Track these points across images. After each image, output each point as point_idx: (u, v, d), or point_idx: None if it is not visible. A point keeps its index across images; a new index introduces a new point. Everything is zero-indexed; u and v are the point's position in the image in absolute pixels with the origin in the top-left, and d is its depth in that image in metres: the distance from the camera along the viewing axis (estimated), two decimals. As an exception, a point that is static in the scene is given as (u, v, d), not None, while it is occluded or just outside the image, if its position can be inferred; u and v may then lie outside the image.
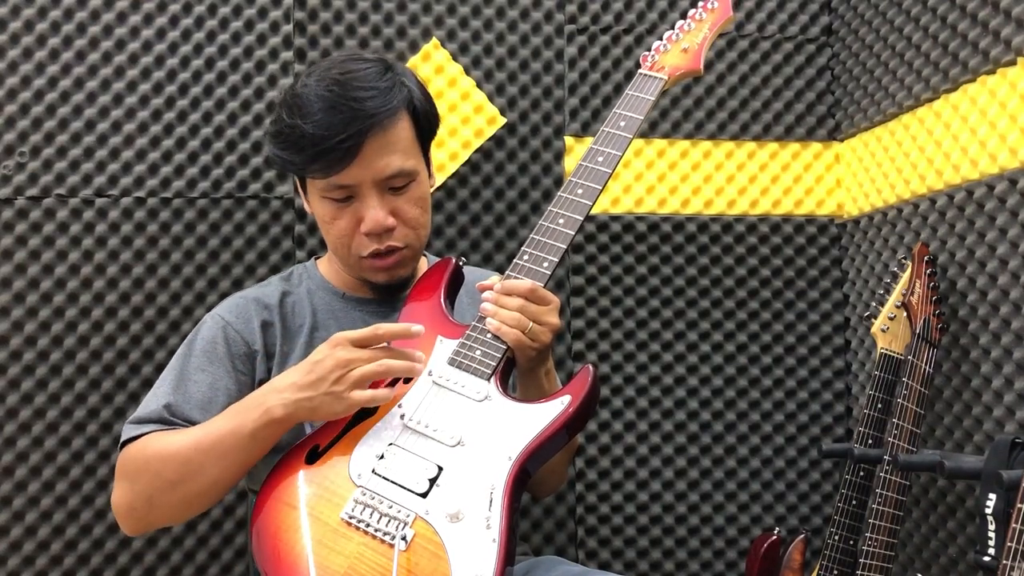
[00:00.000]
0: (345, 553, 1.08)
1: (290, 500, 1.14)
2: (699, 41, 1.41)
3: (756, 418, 1.95)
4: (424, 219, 1.36)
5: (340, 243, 1.34)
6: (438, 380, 1.21)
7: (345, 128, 1.24)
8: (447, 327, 1.28)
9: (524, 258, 1.27)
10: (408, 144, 1.32)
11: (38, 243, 1.72)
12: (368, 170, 1.28)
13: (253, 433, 1.18)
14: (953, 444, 1.63)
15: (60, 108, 1.74)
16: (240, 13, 1.81)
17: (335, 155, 1.25)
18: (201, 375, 1.31)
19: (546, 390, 1.30)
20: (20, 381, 1.70)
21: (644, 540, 1.90)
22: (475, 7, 1.89)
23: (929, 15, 1.73)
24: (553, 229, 1.28)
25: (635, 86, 1.39)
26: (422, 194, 1.35)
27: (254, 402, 1.19)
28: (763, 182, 1.99)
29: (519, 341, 1.22)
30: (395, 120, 1.29)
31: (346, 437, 1.19)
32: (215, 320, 1.36)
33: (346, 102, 1.25)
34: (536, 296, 1.23)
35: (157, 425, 1.26)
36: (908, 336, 1.61)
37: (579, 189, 1.30)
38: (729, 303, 1.96)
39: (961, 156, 1.62)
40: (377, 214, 1.29)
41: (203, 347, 1.33)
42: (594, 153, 1.33)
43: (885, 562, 1.52)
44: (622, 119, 1.35)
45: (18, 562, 1.68)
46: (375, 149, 1.27)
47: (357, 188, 1.29)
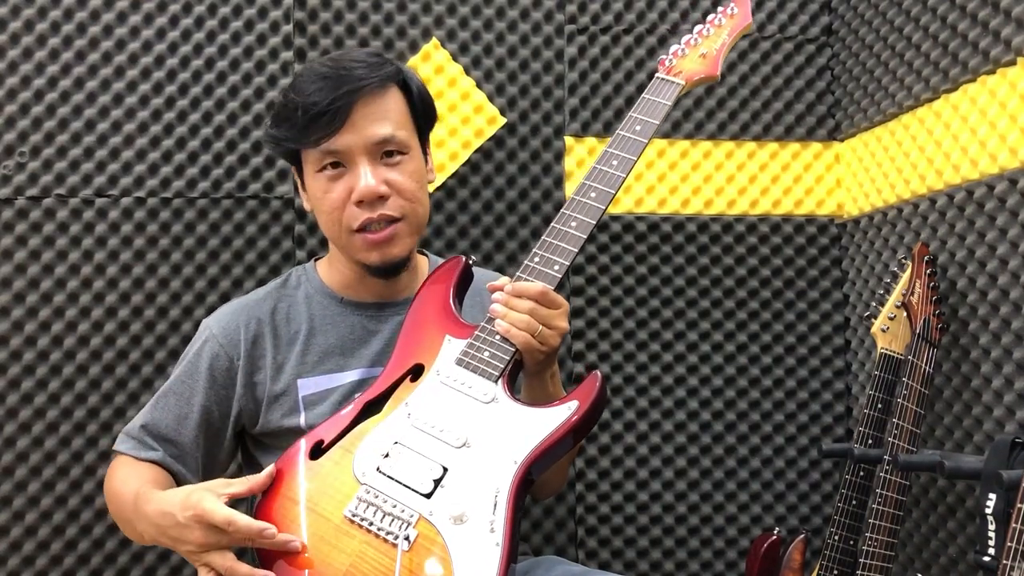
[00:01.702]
0: (347, 551, 1.08)
1: (293, 495, 1.14)
2: (717, 47, 1.41)
3: (756, 418, 1.95)
4: (421, 195, 1.35)
5: (332, 219, 1.33)
6: (445, 380, 1.21)
7: (334, 92, 1.28)
8: (456, 327, 1.28)
9: (535, 260, 1.26)
10: (400, 116, 1.33)
11: (38, 243, 1.72)
12: (359, 135, 1.29)
13: (148, 531, 1.21)
14: (953, 444, 1.63)
15: (60, 108, 1.74)
16: (240, 13, 1.81)
17: (325, 119, 1.28)
18: (181, 387, 1.37)
19: (551, 393, 1.30)
20: (20, 381, 1.70)
21: (644, 540, 1.90)
22: (475, 7, 1.89)
23: (929, 15, 1.73)
24: (565, 232, 1.27)
25: (652, 90, 1.38)
26: (417, 169, 1.35)
27: (169, 505, 1.16)
28: (763, 182, 1.99)
29: (528, 344, 1.21)
30: (385, 90, 1.32)
31: (351, 434, 1.19)
32: (205, 333, 1.40)
33: (336, 71, 1.30)
34: (547, 299, 1.23)
35: (134, 443, 1.35)
36: (908, 336, 1.61)
37: (592, 193, 1.29)
38: (729, 303, 1.96)
39: (961, 156, 1.62)
40: (368, 180, 1.29)
41: (189, 360, 1.39)
42: (608, 157, 1.32)
43: (885, 562, 1.52)
44: (638, 123, 1.34)
45: (18, 562, 1.68)
46: (365, 115, 1.29)
47: (349, 155, 1.30)
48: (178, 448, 1.35)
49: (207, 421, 1.36)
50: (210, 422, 1.36)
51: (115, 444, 1.38)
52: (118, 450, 1.37)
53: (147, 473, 1.31)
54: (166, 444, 1.34)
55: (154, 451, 1.34)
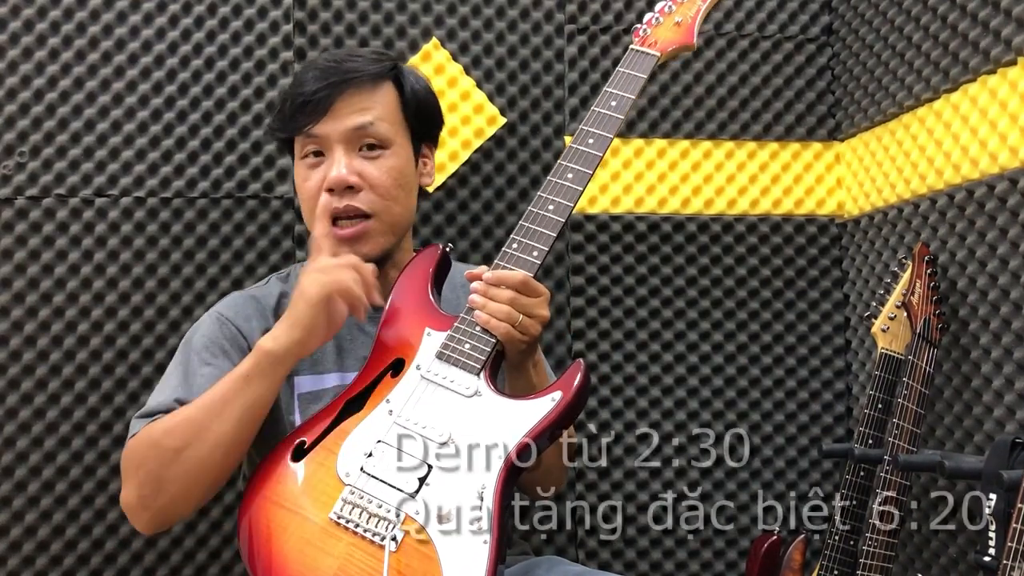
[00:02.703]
0: (335, 554, 1.07)
1: (276, 498, 1.13)
2: (692, 14, 1.35)
3: (756, 418, 1.95)
4: (397, 193, 1.33)
5: (308, 207, 1.34)
6: (427, 375, 1.19)
7: (321, 82, 1.29)
8: (435, 319, 1.25)
9: (513, 246, 1.23)
10: (386, 111, 1.33)
11: (38, 243, 1.72)
12: (337, 123, 1.30)
13: (247, 374, 1.17)
14: (953, 444, 1.63)
15: (60, 108, 1.74)
16: (240, 13, 1.81)
17: (309, 107, 1.29)
18: (207, 369, 1.27)
19: (534, 382, 1.27)
20: (20, 381, 1.70)
21: (644, 540, 1.90)
22: (475, 7, 1.89)
23: (929, 15, 1.73)
24: (542, 216, 1.24)
25: (627, 63, 1.33)
26: (397, 167, 1.33)
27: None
28: (763, 182, 1.99)
29: (509, 335, 1.19)
30: (376, 85, 1.33)
31: (333, 433, 1.17)
32: (214, 317, 1.36)
33: (330, 64, 1.32)
34: (527, 288, 1.20)
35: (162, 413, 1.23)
36: (908, 336, 1.61)
37: (569, 173, 1.25)
38: (729, 303, 1.96)
39: (961, 156, 1.62)
40: (341, 169, 1.29)
41: (205, 343, 1.31)
42: (584, 135, 1.28)
43: (885, 562, 1.52)
44: (613, 98, 1.30)
45: (18, 562, 1.67)
46: (347, 104, 1.30)
47: (327, 142, 1.31)
48: None
49: None
50: None
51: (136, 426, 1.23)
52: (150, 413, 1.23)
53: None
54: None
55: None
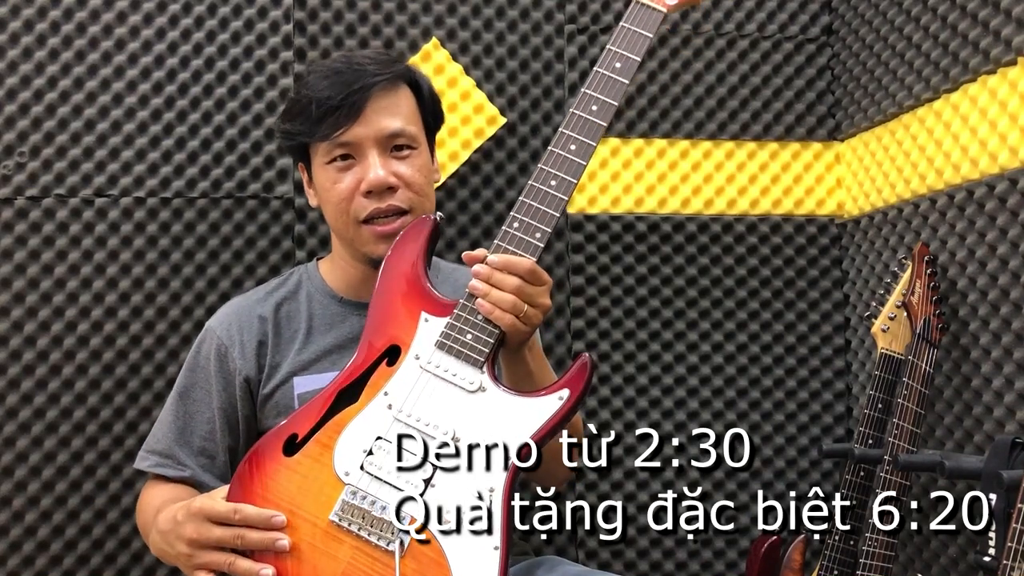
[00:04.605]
0: (339, 557, 1.05)
1: (272, 497, 1.09)
2: None
3: (756, 418, 1.95)
4: (428, 190, 1.36)
5: (339, 209, 1.32)
6: (427, 366, 1.12)
7: (349, 87, 1.28)
8: (430, 302, 1.17)
9: (514, 226, 1.15)
10: (410, 112, 1.35)
11: (38, 243, 1.72)
12: (370, 128, 1.30)
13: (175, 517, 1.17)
14: (953, 444, 1.63)
15: (60, 108, 1.74)
16: (240, 13, 1.81)
17: (340, 112, 1.28)
18: (203, 399, 1.36)
19: (531, 368, 1.24)
20: (20, 381, 1.70)
21: (644, 540, 1.90)
22: (475, 7, 1.89)
23: (929, 15, 1.73)
24: (545, 192, 1.15)
25: (631, 18, 1.20)
26: (425, 164, 1.36)
27: (173, 510, 1.17)
28: (763, 182, 1.99)
29: (514, 326, 1.13)
30: (396, 87, 1.33)
31: (327, 426, 1.11)
32: (210, 337, 1.39)
33: (350, 67, 1.31)
34: (534, 276, 1.14)
35: (158, 458, 1.35)
36: (908, 336, 1.61)
37: (572, 144, 1.16)
38: (729, 303, 1.96)
39: (961, 156, 1.62)
40: (379, 171, 1.29)
41: (200, 366, 1.38)
42: (588, 100, 1.17)
43: (885, 562, 1.52)
44: (617, 59, 1.18)
45: (18, 562, 1.67)
46: (377, 109, 1.30)
47: (360, 147, 1.31)
48: (208, 456, 1.35)
49: (226, 420, 1.36)
50: (228, 420, 1.36)
51: (138, 462, 1.38)
52: (145, 466, 1.36)
53: (175, 493, 1.31)
54: (198, 456, 1.34)
55: (182, 469, 1.34)
